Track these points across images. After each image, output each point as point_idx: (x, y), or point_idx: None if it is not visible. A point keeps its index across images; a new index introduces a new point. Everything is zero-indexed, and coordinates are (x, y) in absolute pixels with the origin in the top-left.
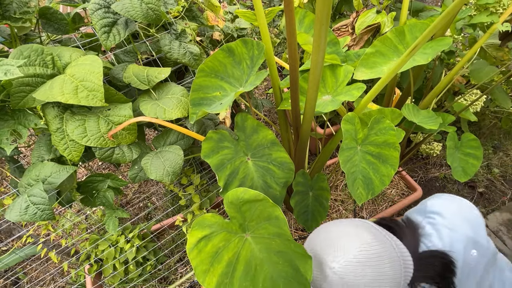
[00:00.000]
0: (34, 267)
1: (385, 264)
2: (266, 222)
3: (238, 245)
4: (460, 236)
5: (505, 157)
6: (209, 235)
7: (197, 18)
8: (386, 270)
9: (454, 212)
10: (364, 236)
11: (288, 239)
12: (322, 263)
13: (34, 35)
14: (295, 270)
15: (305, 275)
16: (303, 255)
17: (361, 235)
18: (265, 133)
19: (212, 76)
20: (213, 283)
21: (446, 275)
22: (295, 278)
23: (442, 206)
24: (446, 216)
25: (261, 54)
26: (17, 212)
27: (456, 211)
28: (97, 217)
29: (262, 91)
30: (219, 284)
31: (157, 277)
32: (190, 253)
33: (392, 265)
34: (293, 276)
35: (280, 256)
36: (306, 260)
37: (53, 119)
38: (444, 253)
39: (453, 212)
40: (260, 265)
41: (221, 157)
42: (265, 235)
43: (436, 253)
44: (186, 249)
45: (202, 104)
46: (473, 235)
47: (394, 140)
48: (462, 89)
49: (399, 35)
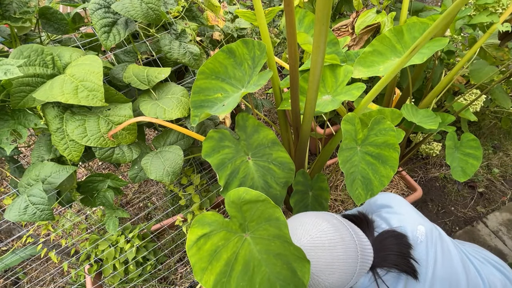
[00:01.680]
0: (34, 267)
1: (338, 249)
2: (266, 223)
3: (237, 244)
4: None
5: (505, 157)
6: (209, 233)
7: (197, 18)
8: (339, 255)
9: (399, 201)
10: (321, 225)
11: (287, 241)
12: None
13: (34, 35)
14: (293, 272)
15: (302, 278)
16: (302, 258)
17: (319, 224)
18: (266, 133)
19: (212, 78)
20: (210, 281)
21: (402, 251)
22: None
23: (387, 199)
24: (392, 206)
25: (263, 54)
26: (16, 212)
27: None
28: (97, 217)
29: (262, 91)
30: (216, 282)
31: (157, 277)
32: (189, 250)
33: (346, 251)
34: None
35: (278, 258)
36: (304, 263)
37: (53, 119)
38: (391, 230)
39: (398, 201)
40: (258, 266)
41: (222, 156)
42: (264, 236)
43: (385, 232)
44: (186, 248)
45: (203, 106)
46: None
47: (394, 141)
48: (462, 89)
49: (397, 34)
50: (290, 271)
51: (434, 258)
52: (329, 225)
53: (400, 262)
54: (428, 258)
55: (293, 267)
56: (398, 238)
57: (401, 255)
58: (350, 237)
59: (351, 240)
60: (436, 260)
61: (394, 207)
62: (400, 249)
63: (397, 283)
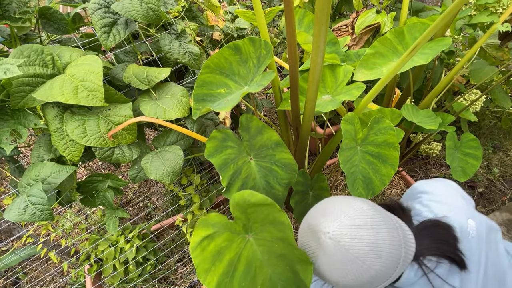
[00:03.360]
0: (34, 267)
1: (381, 229)
2: (270, 225)
3: (240, 245)
4: (452, 207)
5: (505, 157)
6: (213, 234)
7: (197, 18)
8: (383, 236)
9: (442, 188)
10: (359, 204)
11: (291, 244)
12: (317, 231)
13: (34, 35)
14: (295, 274)
15: (304, 280)
16: (305, 261)
17: (356, 203)
18: (269, 134)
19: (217, 72)
20: (213, 282)
21: (449, 241)
22: (294, 282)
23: (429, 185)
24: (435, 193)
25: (268, 54)
26: (16, 212)
27: (443, 187)
28: (97, 217)
29: (262, 91)
30: (219, 283)
31: (157, 277)
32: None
33: (390, 232)
34: (293, 280)
35: (281, 260)
36: (306, 265)
37: (53, 119)
38: (435, 219)
39: (440, 188)
40: (260, 266)
41: (224, 156)
42: (268, 238)
43: (428, 221)
44: (186, 249)
45: (205, 100)
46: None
47: (393, 140)
48: (462, 89)
49: (398, 35)
50: (292, 273)
51: (486, 256)
52: (367, 205)
53: (450, 251)
54: (481, 256)
55: (295, 269)
56: (443, 228)
57: (449, 244)
58: (389, 218)
59: (391, 221)
60: (488, 258)
61: (438, 195)
62: (447, 239)
63: (453, 278)
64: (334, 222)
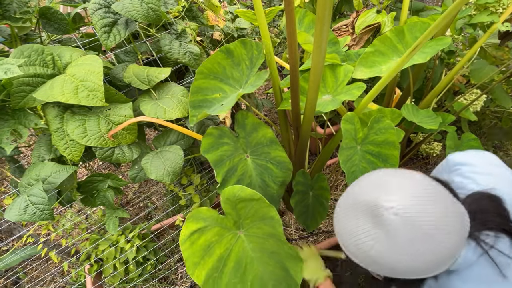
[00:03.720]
0: (34, 267)
1: (446, 198)
2: (260, 221)
3: (231, 241)
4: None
5: (505, 157)
6: (203, 228)
7: (197, 18)
8: (449, 205)
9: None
10: (416, 175)
11: (281, 239)
12: (374, 208)
13: (35, 35)
14: (285, 272)
15: (294, 277)
16: (295, 257)
17: (413, 174)
18: (264, 132)
19: (211, 78)
20: (202, 276)
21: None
22: (285, 279)
23: (467, 156)
24: (475, 164)
25: (260, 54)
26: (16, 212)
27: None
28: (97, 217)
29: (262, 91)
30: (208, 277)
31: (157, 277)
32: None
33: (454, 205)
34: (283, 278)
35: (272, 257)
36: (297, 262)
37: (54, 119)
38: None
39: (480, 159)
40: (251, 263)
41: (220, 153)
42: (259, 235)
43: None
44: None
45: (202, 106)
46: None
47: (393, 139)
48: (462, 88)
49: (398, 34)
50: (282, 270)
51: None
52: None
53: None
54: None
55: (286, 266)
56: (493, 201)
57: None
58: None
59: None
60: None
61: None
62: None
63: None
64: (397, 197)
